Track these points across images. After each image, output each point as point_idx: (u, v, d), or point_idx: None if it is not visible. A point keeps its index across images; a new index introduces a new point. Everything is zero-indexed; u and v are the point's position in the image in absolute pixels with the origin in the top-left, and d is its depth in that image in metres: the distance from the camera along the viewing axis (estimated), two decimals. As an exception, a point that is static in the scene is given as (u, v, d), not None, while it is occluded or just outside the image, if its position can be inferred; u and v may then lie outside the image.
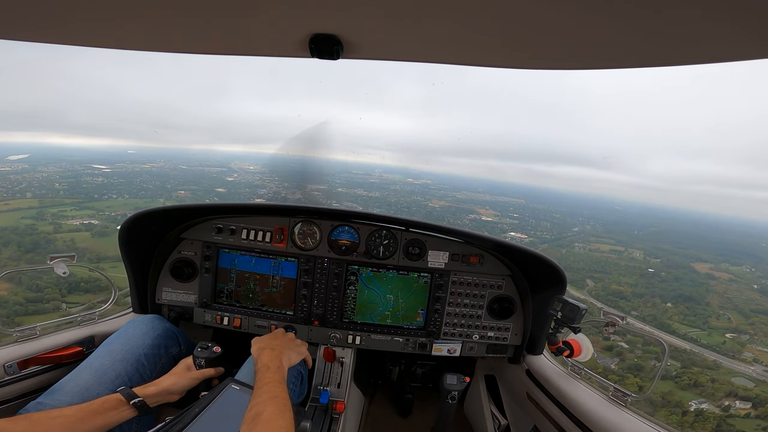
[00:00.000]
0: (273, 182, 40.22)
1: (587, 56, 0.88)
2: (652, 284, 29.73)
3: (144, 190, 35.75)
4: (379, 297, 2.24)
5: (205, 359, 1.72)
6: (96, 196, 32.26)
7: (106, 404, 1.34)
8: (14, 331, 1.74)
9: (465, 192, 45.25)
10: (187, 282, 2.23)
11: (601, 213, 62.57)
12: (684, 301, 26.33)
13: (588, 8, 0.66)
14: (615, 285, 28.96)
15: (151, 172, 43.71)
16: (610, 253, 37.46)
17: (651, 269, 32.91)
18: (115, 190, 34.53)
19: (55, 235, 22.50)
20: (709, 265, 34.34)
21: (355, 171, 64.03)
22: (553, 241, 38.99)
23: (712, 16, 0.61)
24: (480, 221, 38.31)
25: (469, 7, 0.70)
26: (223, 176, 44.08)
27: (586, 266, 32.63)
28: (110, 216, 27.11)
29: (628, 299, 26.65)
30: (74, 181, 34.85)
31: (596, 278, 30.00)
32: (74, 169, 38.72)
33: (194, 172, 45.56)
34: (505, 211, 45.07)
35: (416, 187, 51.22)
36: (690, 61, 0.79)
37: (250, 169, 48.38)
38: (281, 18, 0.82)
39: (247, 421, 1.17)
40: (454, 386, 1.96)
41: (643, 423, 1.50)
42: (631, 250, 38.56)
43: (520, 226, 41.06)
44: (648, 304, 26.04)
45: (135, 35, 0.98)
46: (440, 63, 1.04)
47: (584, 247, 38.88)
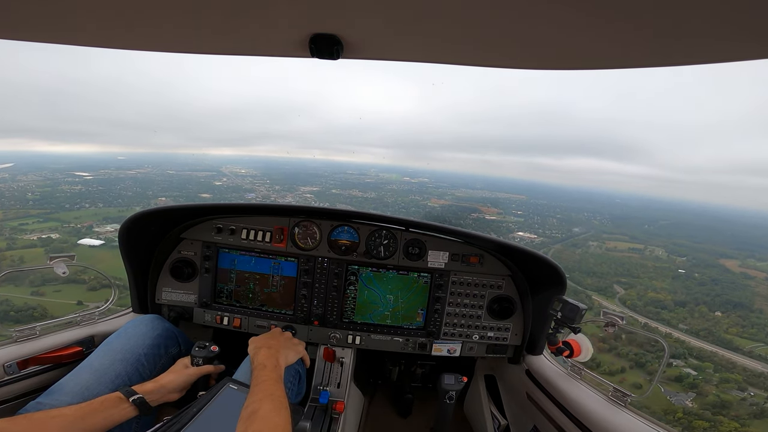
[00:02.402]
0: (264, 185, 39.70)
1: (588, 56, 0.88)
2: (689, 288, 26.45)
3: (122, 197, 35.24)
4: (379, 297, 2.23)
5: (203, 358, 1.73)
6: (67, 206, 31.54)
7: (105, 403, 1.34)
8: (14, 331, 1.74)
9: (463, 189, 44.74)
10: (187, 282, 2.23)
11: (604, 207, 61.25)
12: (733, 309, 22.93)
13: (588, 8, 0.65)
14: (651, 292, 25.50)
15: (135, 178, 42.99)
16: (629, 252, 34.60)
17: (681, 270, 29.84)
18: (90, 199, 33.95)
19: (4, 253, 21.44)
20: (737, 261, 31.62)
21: (350, 171, 63.48)
22: (565, 241, 36.74)
23: (714, 16, 0.61)
24: (484, 220, 36.97)
25: (469, 7, 0.70)
26: (211, 180, 43.45)
27: (609, 269, 29.43)
28: (74, 229, 26.46)
29: (670, 309, 23.21)
30: (50, 191, 34.25)
31: (625, 284, 26.68)
32: (54, 177, 37.94)
33: (181, 177, 44.84)
34: (508, 209, 43.98)
35: (414, 186, 50.71)
36: (692, 61, 0.78)
37: (242, 172, 47.87)
38: (281, 18, 0.82)
39: (243, 419, 1.17)
40: (451, 386, 1.97)
41: (643, 423, 1.50)
42: (652, 247, 35.72)
43: (526, 225, 39.65)
44: (695, 314, 22.59)
45: (135, 35, 0.98)
46: (440, 63, 1.04)
47: (600, 246, 36.32)
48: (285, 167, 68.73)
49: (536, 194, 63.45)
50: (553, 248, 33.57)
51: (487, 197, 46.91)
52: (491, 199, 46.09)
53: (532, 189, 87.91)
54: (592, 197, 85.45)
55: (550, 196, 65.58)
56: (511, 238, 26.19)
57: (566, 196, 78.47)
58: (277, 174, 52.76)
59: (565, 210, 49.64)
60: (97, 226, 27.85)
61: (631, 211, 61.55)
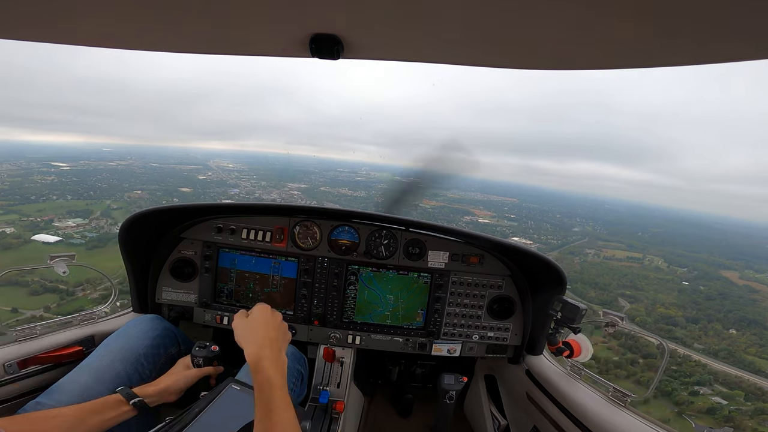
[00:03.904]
0: (250, 181, 38.78)
1: (588, 56, 0.88)
2: (699, 303, 24.71)
3: (95, 189, 33.34)
4: (379, 297, 2.23)
5: (203, 358, 1.73)
6: (33, 197, 29.28)
7: (105, 404, 1.34)
8: (14, 331, 1.74)
9: (456, 191, 44.09)
10: (187, 282, 2.23)
11: (596, 213, 60.50)
12: (748, 326, 21.36)
13: (588, 8, 0.65)
14: (661, 307, 23.75)
15: (115, 170, 41.31)
16: (628, 262, 33.17)
17: (685, 282, 28.28)
18: (59, 191, 31.64)
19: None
20: (737, 273, 30.43)
21: (341, 169, 62.74)
22: (561, 248, 35.51)
23: (714, 16, 0.61)
24: (477, 223, 36.01)
25: (469, 7, 0.70)
26: (195, 174, 41.83)
27: (612, 280, 27.58)
28: (32, 222, 24.27)
29: (682, 326, 21.68)
30: (20, 180, 32.25)
31: (629, 297, 24.99)
32: (30, 167, 35.97)
33: (164, 171, 43.25)
34: (501, 212, 42.86)
35: (405, 186, 49.86)
36: (692, 61, 0.78)
37: (229, 167, 46.66)
38: (281, 18, 0.82)
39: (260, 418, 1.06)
40: (451, 386, 1.97)
41: (643, 423, 1.50)
42: (650, 257, 34.31)
43: (520, 229, 38.82)
44: (709, 332, 21.07)
45: (135, 35, 0.98)
46: (440, 63, 1.04)
47: (597, 254, 34.94)
48: (275, 163, 67.37)
49: (528, 197, 62.76)
50: (550, 254, 33.09)
51: (479, 200, 46.16)
52: (483, 202, 45.46)
53: (523, 192, 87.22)
54: (584, 203, 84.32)
55: (541, 199, 64.92)
56: (506, 242, 25.33)
57: (558, 200, 77.44)
58: (266, 170, 51.81)
59: (557, 214, 48.84)
60: (58, 221, 25.48)
61: (621, 218, 60.77)
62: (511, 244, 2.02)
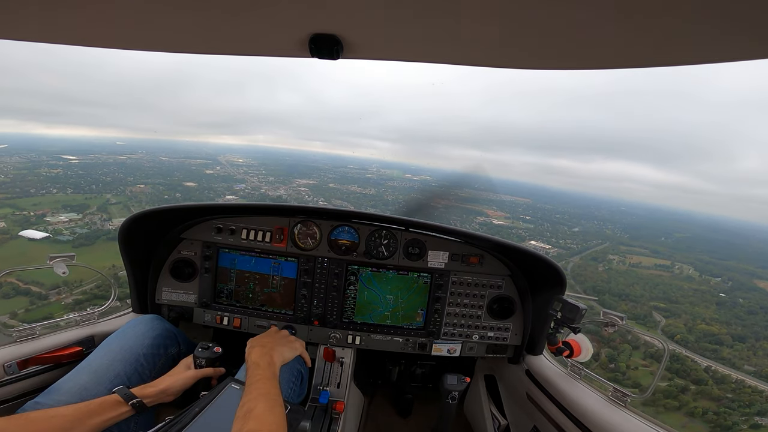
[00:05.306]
0: (257, 176, 38.22)
1: (588, 56, 0.88)
2: (742, 318, 22.44)
3: (97, 183, 32.57)
4: (379, 297, 2.23)
5: (206, 359, 1.72)
6: (33, 190, 28.29)
7: (103, 404, 1.34)
8: (14, 331, 1.74)
9: (466, 190, 43.32)
10: (187, 282, 2.23)
11: (612, 215, 58.32)
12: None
13: (588, 8, 0.65)
14: (702, 323, 21.22)
15: (123, 164, 40.65)
16: (657, 270, 30.20)
17: (722, 294, 25.78)
18: (61, 184, 30.76)
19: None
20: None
21: (351, 165, 62.07)
22: (582, 253, 32.77)
23: (715, 16, 0.61)
24: (491, 225, 33.72)
25: (469, 7, 0.70)
26: (203, 169, 41.48)
27: (644, 291, 24.79)
28: (24, 217, 23.25)
29: (728, 344, 19.34)
30: (26, 173, 31.45)
31: (664, 310, 22.47)
32: (39, 159, 35.22)
33: (172, 165, 42.66)
34: (515, 213, 41.28)
35: (415, 183, 49.54)
36: (692, 61, 0.78)
37: (239, 162, 46.10)
38: (281, 18, 0.82)
39: (239, 418, 1.17)
40: (454, 386, 1.96)
41: (643, 423, 1.50)
42: (680, 264, 31.28)
43: (537, 232, 36.72)
44: (758, 351, 18.98)
45: (135, 35, 0.98)
46: (440, 63, 1.04)
47: (621, 260, 32.07)
48: (286, 159, 66.58)
49: (541, 198, 61.22)
50: (572, 261, 29.78)
51: (492, 199, 45.25)
52: (496, 201, 44.57)
53: (536, 192, 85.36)
54: (600, 204, 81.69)
55: (554, 200, 62.86)
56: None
57: (572, 201, 74.77)
58: (276, 165, 51.17)
59: (573, 216, 46.41)
60: (51, 215, 24.30)
61: (640, 221, 57.56)
62: (511, 244, 2.02)
